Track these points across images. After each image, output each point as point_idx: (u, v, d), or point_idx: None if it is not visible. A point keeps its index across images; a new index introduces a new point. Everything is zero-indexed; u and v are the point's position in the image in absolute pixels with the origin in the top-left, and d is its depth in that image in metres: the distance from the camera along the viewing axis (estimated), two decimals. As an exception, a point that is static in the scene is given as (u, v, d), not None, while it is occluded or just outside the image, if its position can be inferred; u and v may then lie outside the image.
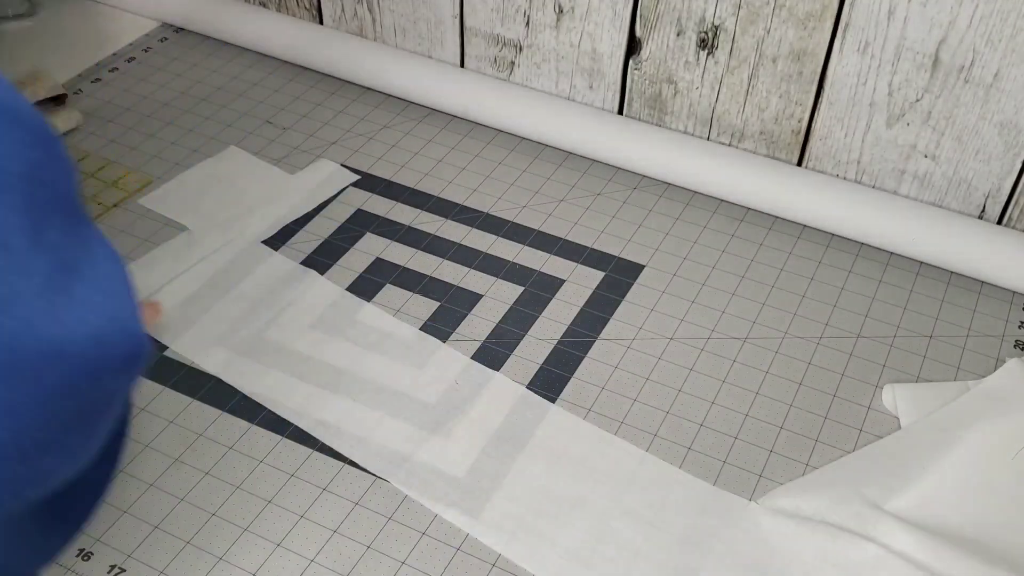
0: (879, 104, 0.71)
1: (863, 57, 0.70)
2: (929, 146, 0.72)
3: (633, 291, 0.70)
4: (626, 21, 0.77)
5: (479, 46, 0.84)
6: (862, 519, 0.55)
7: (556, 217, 0.76)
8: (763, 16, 0.72)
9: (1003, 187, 0.71)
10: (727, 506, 0.56)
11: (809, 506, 0.56)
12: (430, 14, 0.85)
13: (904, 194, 0.75)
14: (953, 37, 0.66)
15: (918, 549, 0.53)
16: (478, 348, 0.65)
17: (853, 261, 0.72)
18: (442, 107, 0.84)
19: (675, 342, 0.66)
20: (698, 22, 0.74)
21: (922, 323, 0.68)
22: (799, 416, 0.62)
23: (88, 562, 0.53)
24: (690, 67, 0.77)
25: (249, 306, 0.67)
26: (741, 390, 0.63)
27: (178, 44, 0.93)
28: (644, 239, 0.74)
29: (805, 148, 0.76)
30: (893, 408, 0.62)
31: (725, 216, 0.76)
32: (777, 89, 0.74)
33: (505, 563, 0.54)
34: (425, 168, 0.80)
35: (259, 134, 0.83)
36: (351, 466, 0.58)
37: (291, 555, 0.54)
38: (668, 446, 0.59)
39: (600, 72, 0.80)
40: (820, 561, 0.53)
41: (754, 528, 0.55)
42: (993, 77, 0.67)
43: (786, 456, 0.59)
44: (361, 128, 0.84)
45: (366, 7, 0.87)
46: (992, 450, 0.58)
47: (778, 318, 0.68)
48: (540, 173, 0.80)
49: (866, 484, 0.57)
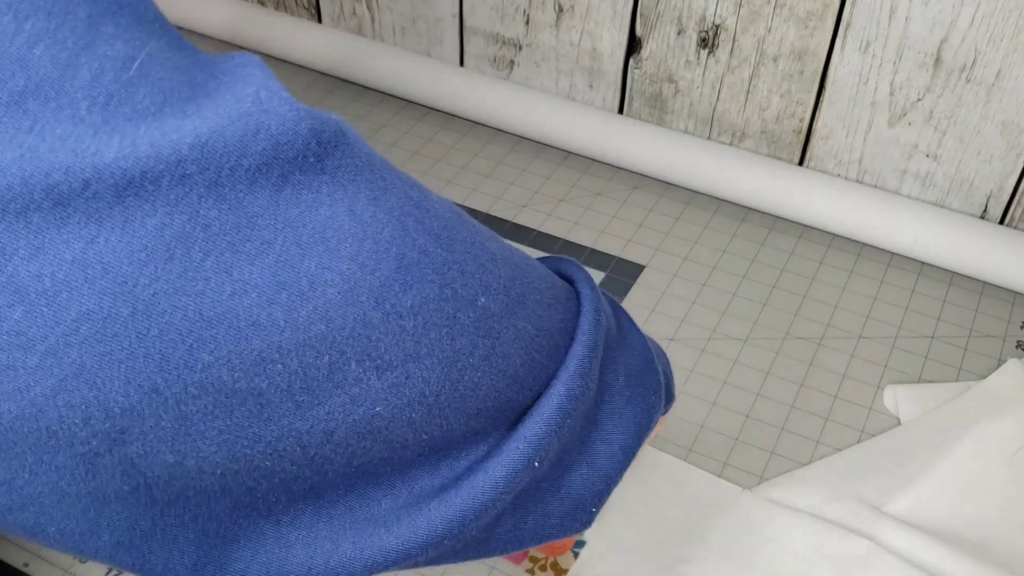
0: (881, 103, 0.71)
1: (864, 56, 0.70)
2: (931, 146, 0.72)
3: (633, 291, 0.69)
4: (626, 20, 0.77)
5: (479, 45, 0.84)
6: (857, 516, 0.54)
7: (556, 217, 0.75)
8: (764, 15, 0.71)
9: (1005, 187, 0.71)
10: (720, 496, 0.56)
11: (804, 500, 0.56)
12: (429, 13, 0.84)
13: (906, 194, 0.74)
14: (955, 36, 0.66)
15: (912, 546, 0.53)
16: (478, 349, 0.65)
17: (854, 261, 0.72)
18: (441, 106, 0.84)
19: (675, 343, 0.66)
20: (699, 21, 0.74)
21: (924, 324, 0.68)
22: (800, 417, 0.61)
23: (86, 563, 0.53)
24: (691, 66, 0.76)
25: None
26: (742, 391, 0.63)
27: (176, 43, 0.93)
28: (644, 239, 0.74)
29: (806, 148, 0.76)
30: (894, 409, 0.62)
31: (726, 216, 0.76)
32: (778, 88, 0.74)
33: (505, 566, 0.53)
34: (424, 168, 0.80)
35: (258, 133, 0.82)
36: (350, 468, 0.58)
37: (290, 558, 0.53)
38: (668, 447, 0.59)
39: (600, 71, 0.80)
40: (813, 553, 0.53)
41: (747, 518, 0.55)
42: (995, 76, 0.67)
43: (787, 457, 0.59)
44: (359, 128, 0.83)
45: (365, 6, 0.87)
46: (990, 450, 0.58)
47: (779, 318, 0.68)
48: (540, 173, 0.79)
49: (862, 482, 0.56)
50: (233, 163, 0.27)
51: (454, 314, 0.32)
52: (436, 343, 0.31)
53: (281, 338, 0.27)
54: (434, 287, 0.31)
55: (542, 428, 0.35)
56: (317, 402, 0.29)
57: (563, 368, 0.36)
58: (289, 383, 0.28)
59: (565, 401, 0.36)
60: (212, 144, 0.26)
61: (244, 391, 0.27)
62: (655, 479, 0.57)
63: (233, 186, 0.27)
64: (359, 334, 0.29)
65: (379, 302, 0.29)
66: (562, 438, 0.36)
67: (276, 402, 0.28)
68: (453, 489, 0.33)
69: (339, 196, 0.29)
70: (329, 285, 0.28)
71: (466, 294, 0.32)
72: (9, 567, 0.53)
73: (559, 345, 0.37)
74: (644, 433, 0.41)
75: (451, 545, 0.33)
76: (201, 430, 0.27)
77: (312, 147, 0.28)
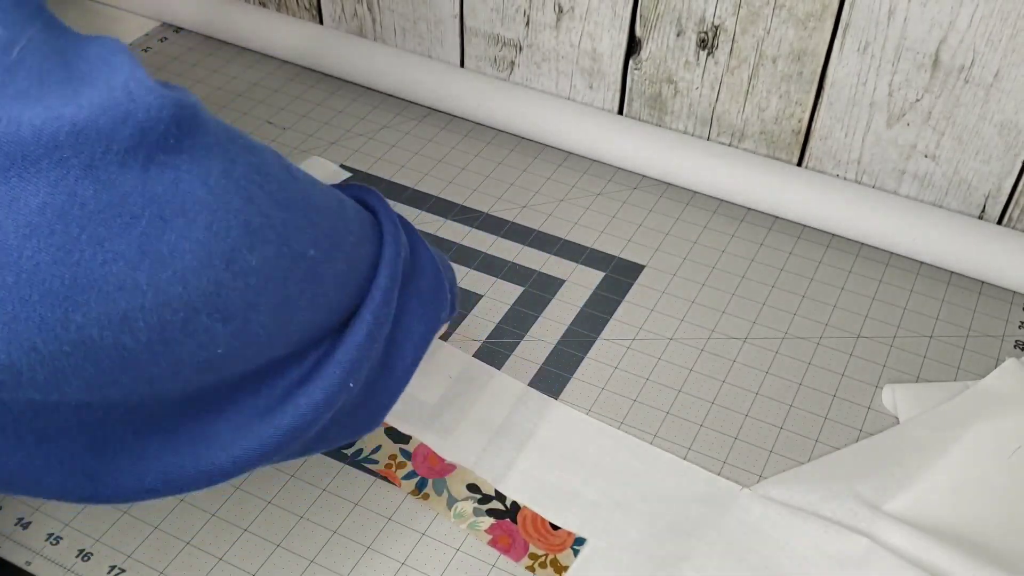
0: (879, 104, 0.71)
1: (863, 57, 0.70)
2: (929, 146, 0.72)
3: (633, 291, 0.70)
4: (626, 21, 0.77)
5: (479, 46, 0.84)
6: (855, 514, 0.55)
7: (556, 217, 0.76)
8: (763, 16, 0.72)
9: (1003, 187, 0.71)
10: (719, 494, 0.56)
11: (802, 498, 0.56)
12: (430, 14, 0.85)
13: (904, 194, 0.75)
14: (953, 37, 0.67)
15: (911, 545, 0.53)
16: (478, 348, 0.65)
17: (853, 261, 0.72)
18: (442, 107, 0.84)
19: (675, 342, 0.66)
20: (698, 22, 0.74)
21: (922, 323, 0.68)
22: (799, 416, 0.62)
23: (88, 562, 0.53)
24: (690, 67, 0.77)
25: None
26: (741, 390, 0.63)
27: (178, 44, 0.93)
28: (644, 239, 0.74)
29: (805, 148, 0.76)
30: (893, 408, 0.62)
31: (725, 216, 0.76)
32: (777, 89, 0.74)
33: (505, 563, 0.54)
34: (425, 168, 0.80)
35: (259, 134, 0.83)
36: (351, 466, 0.58)
37: (291, 555, 0.54)
38: (668, 446, 0.59)
39: (600, 72, 0.80)
40: (811, 551, 0.54)
41: (745, 515, 0.55)
42: (993, 77, 0.67)
43: (786, 456, 0.59)
44: (361, 128, 0.84)
45: (366, 7, 0.87)
46: (988, 450, 0.58)
47: (778, 318, 0.68)
48: (540, 173, 0.80)
49: (860, 480, 0.57)
50: (104, 148, 0.31)
51: (289, 267, 0.38)
52: (272, 293, 0.37)
53: (144, 300, 0.33)
54: (274, 246, 0.37)
55: (355, 354, 0.42)
56: (170, 351, 0.34)
57: (370, 298, 0.43)
58: (148, 337, 0.33)
59: (373, 328, 0.43)
60: (87, 132, 0.31)
61: (110, 346, 0.33)
62: (655, 478, 0.58)
63: (106, 168, 0.31)
64: (210, 292, 0.35)
65: (229, 264, 0.35)
66: (370, 360, 0.43)
67: (136, 353, 0.33)
68: (279, 410, 0.40)
69: (195, 172, 0.34)
70: (186, 252, 0.33)
71: (299, 248, 0.39)
72: (11, 565, 0.53)
73: (366, 276, 0.44)
74: (430, 341, 0.49)
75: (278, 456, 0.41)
76: (70, 380, 0.32)
77: (172, 131, 0.33)
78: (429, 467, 0.58)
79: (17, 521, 0.55)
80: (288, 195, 0.39)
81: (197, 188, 0.34)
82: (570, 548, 0.54)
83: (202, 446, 0.38)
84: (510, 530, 0.55)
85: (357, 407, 0.45)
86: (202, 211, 0.34)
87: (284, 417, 0.39)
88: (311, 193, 0.42)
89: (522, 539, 0.55)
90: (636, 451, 0.59)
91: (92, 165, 0.31)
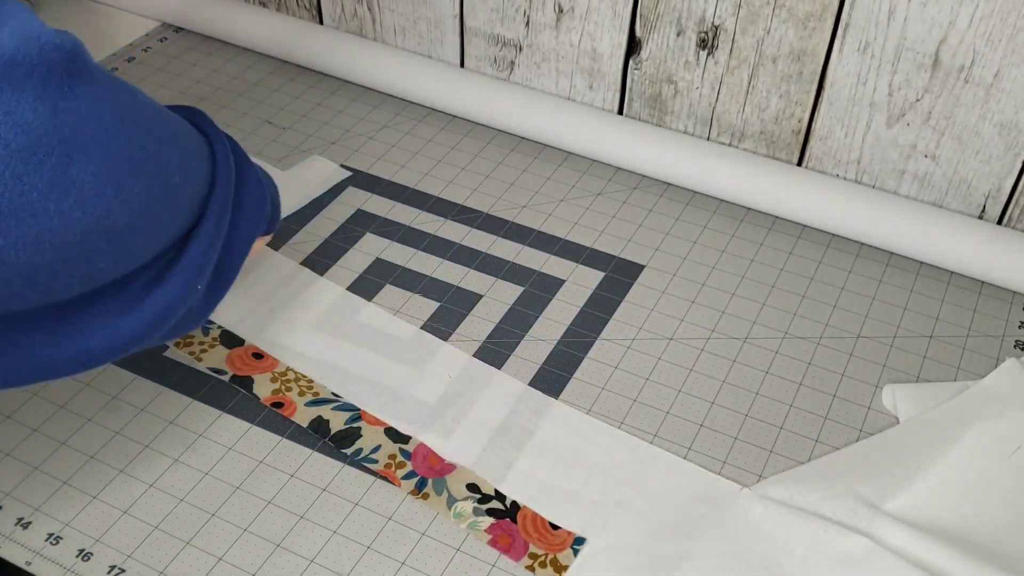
0: (879, 104, 0.71)
1: (863, 57, 0.70)
2: (929, 146, 0.72)
3: (633, 291, 0.70)
4: (626, 21, 0.77)
5: (479, 46, 0.84)
6: (855, 514, 0.55)
7: (556, 217, 0.76)
8: (763, 16, 0.72)
9: (1003, 187, 0.71)
10: (719, 494, 0.56)
11: (802, 498, 0.56)
12: (430, 14, 0.85)
13: (904, 194, 0.75)
14: (953, 37, 0.67)
15: (910, 544, 0.53)
16: (478, 348, 0.65)
17: (853, 261, 0.72)
18: (442, 107, 0.84)
19: (675, 342, 0.66)
20: (698, 22, 0.74)
21: (922, 323, 0.68)
22: (799, 416, 0.62)
23: (88, 562, 0.53)
24: (690, 67, 0.77)
25: (248, 307, 0.67)
26: (741, 390, 0.63)
27: (178, 44, 0.93)
28: (644, 239, 0.74)
29: (805, 148, 0.76)
30: (893, 408, 0.62)
31: (725, 216, 0.76)
32: (777, 89, 0.74)
33: (505, 563, 0.54)
34: (425, 168, 0.80)
35: (259, 134, 0.83)
36: (351, 466, 0.58)
37: (291, 555, 0.54)
38: (668, 446, 0.59)
39: (600, 72, 0.81)
40: (811, 551, 0.54)
41: (745, 515, 0.55)
42: (993, 77, 0.67)
43: (786, 456, 0.59)
44: (361, 128, 0.84)
45: (366, 7, 0.88)
46: (988, 449, 0.58)
47: (778, 318, 0.68)
48: (540, 173, 0.80)
49: (860, 480, 0.57)
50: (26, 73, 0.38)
51: (160, 193, 0.46)
52: (147, 215, 0.45)
53: (51, 223, 0.40)
54: (150, 176, 0.45)
55: (200, 260, 0.49)
56: (67, 267, 0.42)
57: (209, 211, 0.50)
58: (52, 256, 0.40)
59: (215, 238, 0.50)
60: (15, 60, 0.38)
61: (24, 264, 0.40)
62: (655, 478, 0.58)
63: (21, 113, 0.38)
64: (102, 216, 0.42)
65: (117, 192, 0.42)
66: (211, 264, 0.51)
67: (41, 269, 0.40)
68: (139, 308, 0.47)
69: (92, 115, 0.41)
70: (85, 183, 0.41)
71: (168, 176, 0.46)
72: (11, 565, 0.53)
73: (204, 194, 0.51)
74: (251, 246, 0.55)
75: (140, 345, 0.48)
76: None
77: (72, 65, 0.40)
78: (429, 467, 0.58)
79: (17, 521, 0.55)
80: (159, 130, 0.47)
81: (93, 128, 0.41)
82: (570, 548, 0.54)
83: (78, 338, 0.45)
84: (510, 530, 0.55)
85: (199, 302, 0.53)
86: (97, 148, 0.41)
87: (144, 314, 0.47)
88: (172, 126, 0.49)
89: (522, 539, 0.55)
90: (636, 451, 0.59)
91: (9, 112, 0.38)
